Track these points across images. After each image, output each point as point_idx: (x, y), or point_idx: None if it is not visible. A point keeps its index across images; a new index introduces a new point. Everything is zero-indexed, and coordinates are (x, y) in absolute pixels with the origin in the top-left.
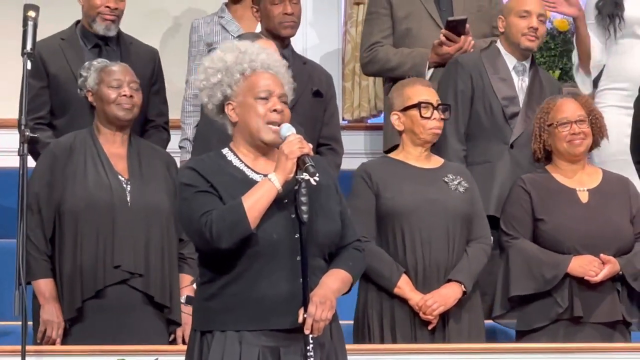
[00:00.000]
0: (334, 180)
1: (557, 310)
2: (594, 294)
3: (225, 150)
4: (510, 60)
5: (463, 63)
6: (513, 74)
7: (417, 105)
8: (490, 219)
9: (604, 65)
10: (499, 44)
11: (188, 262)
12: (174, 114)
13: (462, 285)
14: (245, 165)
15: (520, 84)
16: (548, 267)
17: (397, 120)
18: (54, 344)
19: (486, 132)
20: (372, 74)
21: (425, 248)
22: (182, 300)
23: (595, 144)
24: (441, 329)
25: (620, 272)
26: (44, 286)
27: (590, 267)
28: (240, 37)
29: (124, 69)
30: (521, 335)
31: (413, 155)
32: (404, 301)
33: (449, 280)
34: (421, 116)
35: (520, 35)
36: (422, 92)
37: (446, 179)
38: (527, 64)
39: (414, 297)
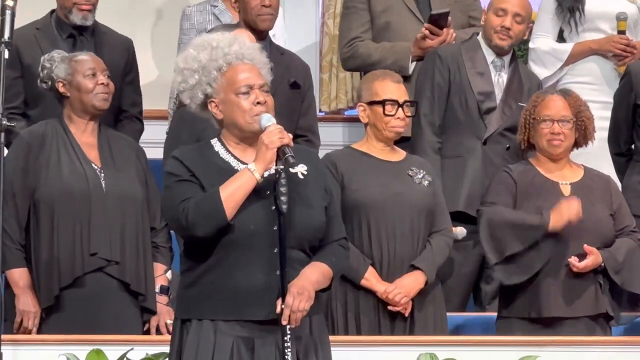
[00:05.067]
0: (323, 175)
1: (541, 263)
2: (576, 288)
3: (213, 141)
4: (489, 55)
5: (442, 55)
6: (491, 68)
7: (382, 102)
8: (459, 215)
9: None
10: (479, 37)
11: (161, 251)
12: (148, 105)
13: (425, 274)
14: (233, 156)
15: (498, 79)
16: (532, 220)
17: (362, 112)
18: (30, 333)
19: (460, 127)
20: (352, 69)
21: (390, 241)
22: (157, 290)
23: (578, 144)
24: (407, 320)
25: (602, 265)
26: (18, 276)
27: (573, 206)
28: (212, 30)
29: (94, 57)
30: (501, 326)
31: (376, 148)
32: (369, 292)
33: (412, 266)
34: (385, 114)
35: (492, 32)
36: (390, 88)
37: (410, 173)
38: (506, 59)
39: (381, 288)
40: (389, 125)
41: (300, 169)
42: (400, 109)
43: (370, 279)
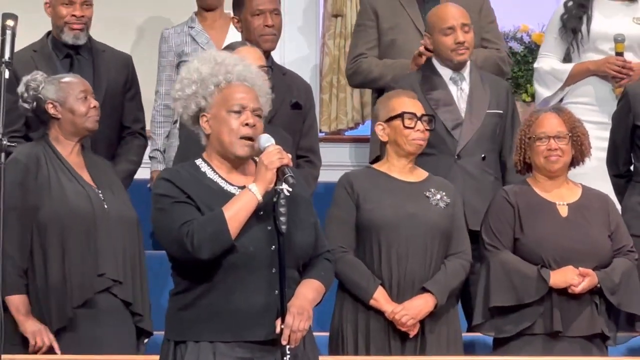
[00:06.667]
0: (307, 192)
1: (530, 321)
2: (572, 307)
3: (198, 162)
4: (446, 73)
5: (396, 88)
6: (450, 84)
7: (401, 116)
8: None
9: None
10: (433, 59)
11: None
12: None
13: (435, 297)
14: (220, 176)
15: (459, 93)
16: (531, 281)
17: (381, 131)
18: (50, 350)
19: (431, 147)
20: (356, 85)
21: (402, 262)
22: None
23: (576, 161)
24: (417, 341)
25: (598, 286)
26: (19, 301)
27: (572, 275)
28: (227, 46)
29: (81, 80)
30: (498, 345)
31: (397, 167)
32: (379, 313)
33: (424, 289)
34: (404, 126)
35: (449, 51)
36: (406, 103)
37: (427, 194)
38: (465, 72)
39: (389, 308)
40: (410, 138)
41: (285, 187)
42: (419, 121)
43: (379, 299)
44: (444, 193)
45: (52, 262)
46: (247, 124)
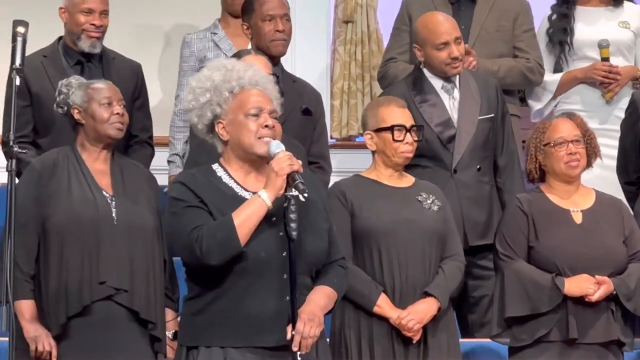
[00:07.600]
0: (322, 198)
1: (547, 328)
2: (589, 314)
3: (215, 166)
4: (437, 82)
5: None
6: (442, 94)
7: (390, 129)
8: None
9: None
10: (423, 68)
11: (173, 298)
12: (159, 131)
13: (438, 301)
14: (235, 182)
15: (452, 102)
16: (545, 290)
17: (369, 140)
18: (51, 356)
19: (427, 161)
20: (384, 88)
21: (402, 267)
22: (170, 335)
23: (588, 164)
24: (420, 346)
25: (614, 292)
26: (25, 307)
27: (587, 284)
28: (235, 55)
29: (111, 86)
30: (514, 353)
31: (385, 175)
32: (382, 319)
33: (426, 293)
34: (394, 139)
35: (444, 65)
36: (396, 114)
37: (420, 198)
38: (455, 80)
39: (394, 314)
40: (399, 151)
41: (296, 193)
42: (408, 133)
43: (383, 305)
44: (434, 197)
45: (51, 269)
46: (266, 126)
